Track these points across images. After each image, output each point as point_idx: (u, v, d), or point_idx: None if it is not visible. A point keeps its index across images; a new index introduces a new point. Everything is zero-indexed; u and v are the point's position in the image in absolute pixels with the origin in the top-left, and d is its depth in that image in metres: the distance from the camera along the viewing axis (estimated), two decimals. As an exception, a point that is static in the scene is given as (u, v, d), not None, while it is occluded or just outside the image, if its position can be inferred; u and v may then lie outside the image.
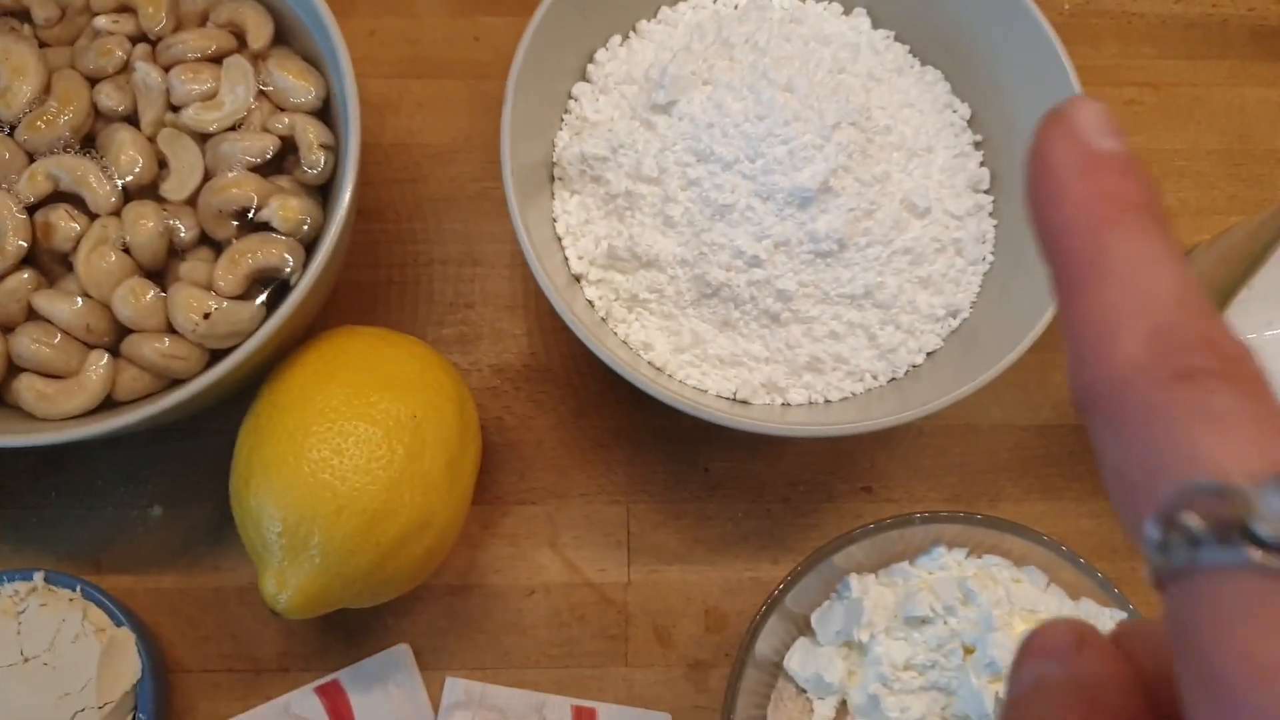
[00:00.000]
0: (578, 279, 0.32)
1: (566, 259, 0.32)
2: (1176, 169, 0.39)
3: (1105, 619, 0.29)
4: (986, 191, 0.34)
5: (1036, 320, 0.29)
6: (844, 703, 0.31)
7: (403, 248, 0.37)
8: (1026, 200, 0.13)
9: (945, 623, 0.29)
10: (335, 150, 0.31)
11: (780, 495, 0.35)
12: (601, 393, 0.35)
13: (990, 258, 0.33)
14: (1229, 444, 0.10)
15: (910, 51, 0.35)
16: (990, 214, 0.33)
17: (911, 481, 0.35)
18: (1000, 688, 0.28)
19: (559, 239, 0.32)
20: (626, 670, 0.33)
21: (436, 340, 0.35)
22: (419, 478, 0.28)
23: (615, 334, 0.32)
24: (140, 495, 0.33)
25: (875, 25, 0.35)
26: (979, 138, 0.34)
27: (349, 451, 0.27)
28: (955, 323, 0.32)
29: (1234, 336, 0.11)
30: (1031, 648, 0.13)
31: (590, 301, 0.32)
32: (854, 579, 0.31)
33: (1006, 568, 0.30)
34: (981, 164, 0.34)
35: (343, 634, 0.32)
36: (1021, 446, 0.36)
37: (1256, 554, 0.10)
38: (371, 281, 0.36)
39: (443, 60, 0.39)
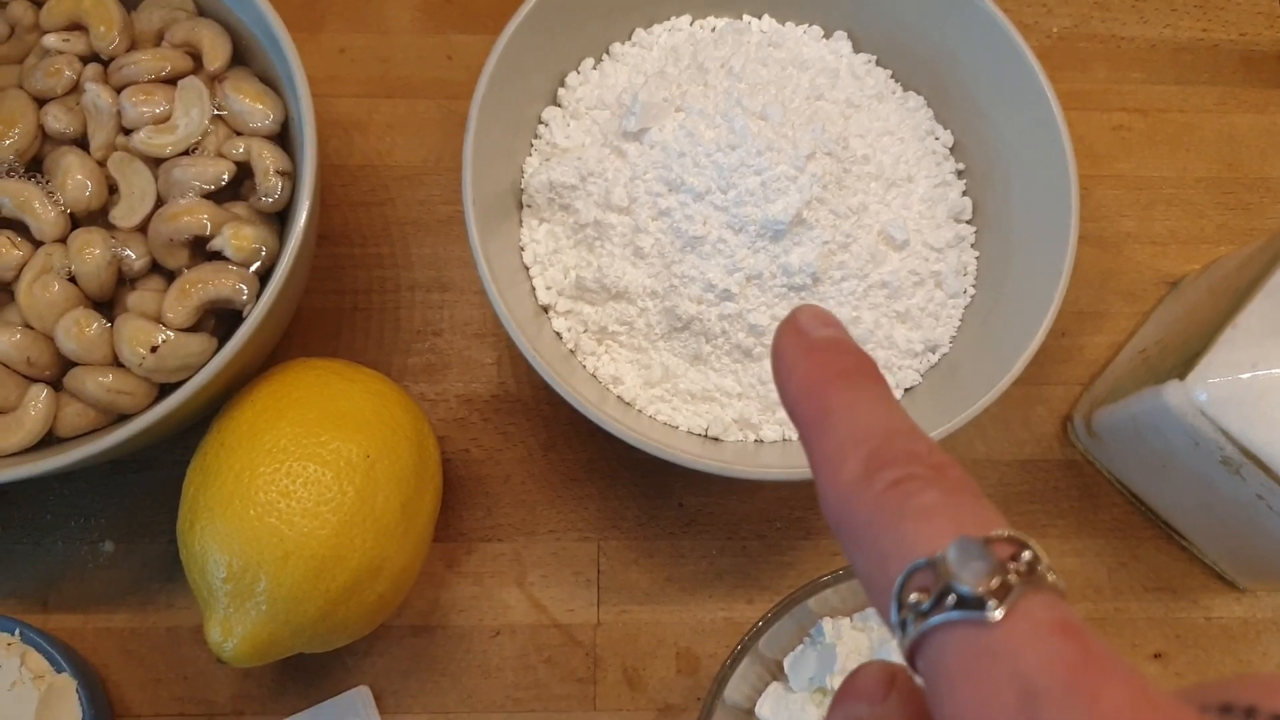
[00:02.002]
0: (546, 309, 0.31)
1: (534, 289, 0.31)
2: (1165, 196, 0.38)
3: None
4: (969, 222, 0.33)
5: (1018, 355, 0.28)
6: (817, 752, 0.30)
7: (369, 273, 0.36)
8: (776, 385, 0.16)
9: (921, 671, 0.28)
10: (294, 176, 0.30)
11: (756, 532, 0.34)
12: (573, 424, 0.34)
13: (971, 290, 0.32)
14: (934, 528, 0.12)
15: (892, 77, 0.34)
16: (972, 245, 0.32)
17: (890, 519, 0.34)
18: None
19: (526, 268, 0.31)
20: (594, 715, 0.32)
21: (403, 369, 0.34)
22: (371, 521, 0.26)
23: (584, 367, 0.31)
24: (91, 530, 0.32)
25: (857, 49, 0.34)
26: (961, 166, 0.33)
27: (297, 494, 0.26)
28: (934, 358, 0.31)
29: (938, 451, 0.14)
30: (845, 691, 0.14)
31: (558, 333, 0.31)
32: (827, 623, 0.30)
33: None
34: (964, 193, 0.33)
35: (300, 675, 0.31)
36: (1005, 482, 0.35)
37: (957, 612, 0.11)
38: (336, 308, 0.35)
39: (414, 79, 0.38)
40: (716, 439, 0.30)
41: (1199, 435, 0.28)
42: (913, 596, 0.12)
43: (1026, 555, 0.12)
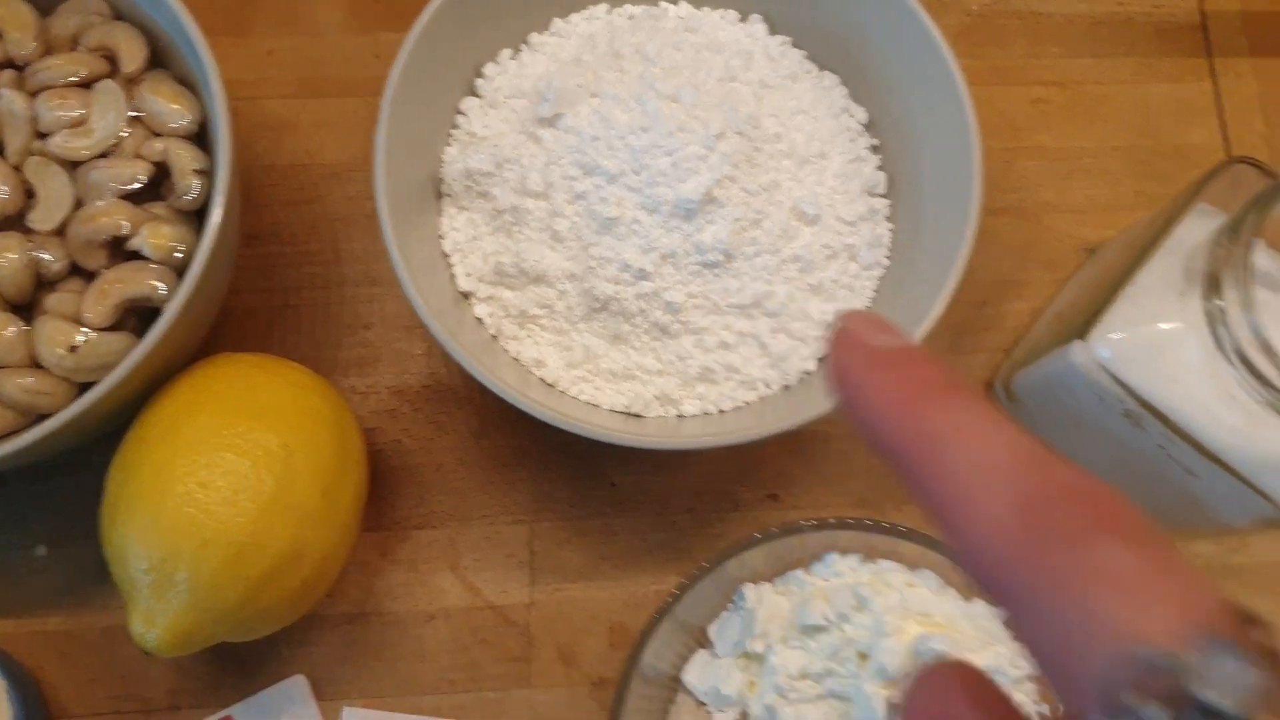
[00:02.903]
0: (467, 296, 0.32)
1: (454, 276, 0.32)
2: (1084, 167, 0.39)
3: (994, 618, 0.29)
4: (884, 196, 0.33)
5: (924, 318, 0.29)
6: (745, 715, 0.30)
7: (299, 270, 0.36)
8: (848, 413, 0.13)
9: (841, 630, 0.29)
10: (212, 174, 0.30)
11: (686, 507, 0.34)
12: (503, 410, 0.34)
13: (885, 262, 0.33)
14: (1143, 608, 0.10)
15: (808, 57, 0.35)
16: (887, 218, 0.33)
17: (817, 488, 0.34)
18: (893, 694, 0.28)
19: (446, 256, 0.32)
20: (530, 692, 0.32)
21: (334, 363, 0.35)
22: (291, 508, 0.27)
23: (506, 351, 0.31)
24: (24, 535, 0.32)
25: (773, 31, 0.35)
26: (876, 142, 0.34)
27: (215, 484, 0.26)
28: (850, 329, 0.32)
29: (1090, 475, 0.11)
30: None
31: (480, 319, 0.31)
32: (749, 589, 0.30)
33: (900, 572, 0.30)
34: (880, 168, 0.34)
35: (236, 667, 0.32)
36: (931, 451, 0.35)
37: None
38: (266, 306, 0.35)
39: (342, 78, 0.38)
40: (638, 415, 0.31)
41: (1102, 391, 0.29)
42: (1137, 701, 0.09)
43: (1265, 638, 0.09)
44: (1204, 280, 0.27)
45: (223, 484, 0.26)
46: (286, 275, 0.36)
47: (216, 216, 0.28)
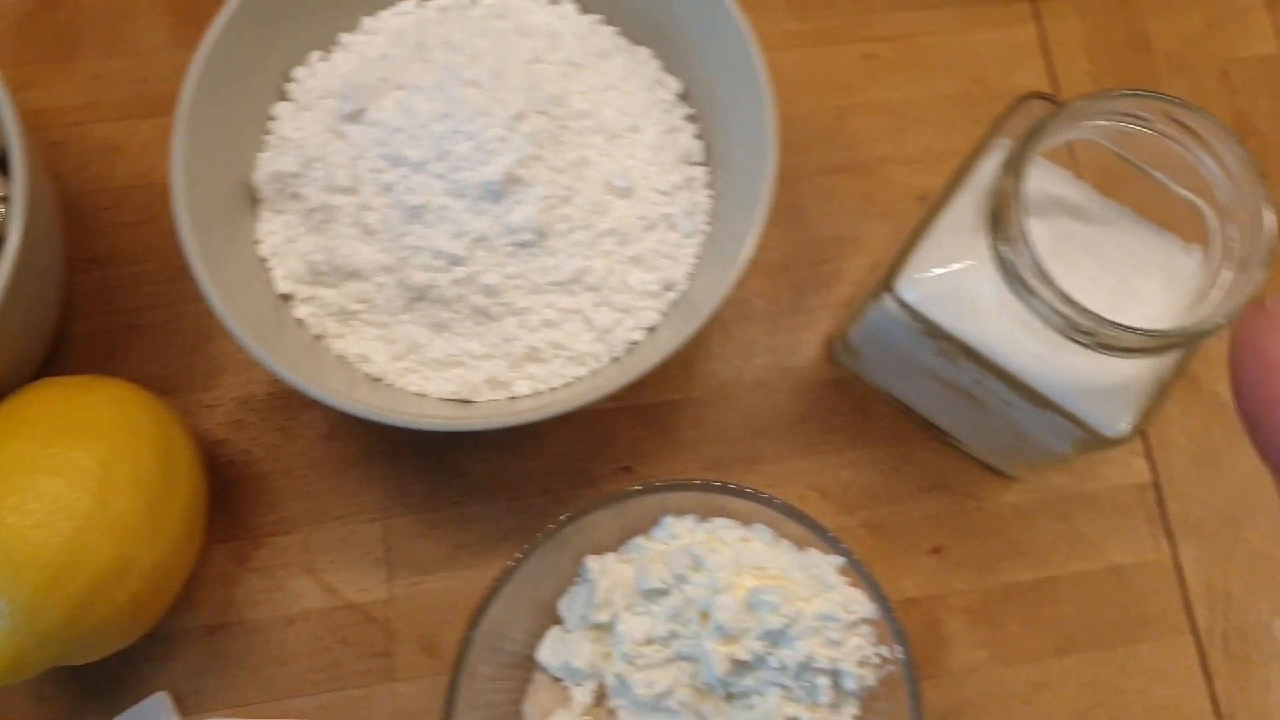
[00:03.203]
0: (288, 299, 0.32)
1: (273, 280, 0.32)
2: (917, 118, 0.40)
3: (826, 566, 0.29)
4: (703, 164, 0.34)
5: (722, 284, 0.29)
6: (603, 687, 0.30)
7: (139, 290, 0.36)
8: (1241, 394, 0.13)
9: (681, 591, 0.29)
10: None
11: (541, 488, 0.34)
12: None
13: (705, 229, 0.33)
14: None
15: (621, 33, 0.35)
16: (707, 185, 0.34)
17: (670, 456, 0.35)
18: (733, 649, 0.28)
19: (264, 261, 0.32)
20: (394, 685, 0.32)
21: (179, 380, 0.35)
22: (110, 524, 0.27)
23: (331, 350, 0.32)
24: None
25: (584, 11, 0.35)
26: (693, 111, 0.34)
27: (29, 508, 0.26)
28: (674, 295, 0.32)
29: None
30: None
31: (302, 320, 0.32)
32: (591, 560, 0.31)
33: (735, 528, 0.30)
34: (697, 136, 0.34)
35: (97, 689, 0.32)
36: (777, 407, 0.36)
37: None
38: (108, 329, 0.35)
39: (170, 96, 0.37)
40: (468, 401, 0.31)
41: (914, 332, 0.29)
42: None
43: None
44: (985, 216, 0.28)
45: (37, 507, 0.26)
46: (127, 297, 0.36)
47: (14, 242, 0.28)
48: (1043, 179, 0.31)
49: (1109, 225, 0.30)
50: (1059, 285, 0.26)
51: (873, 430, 0.36)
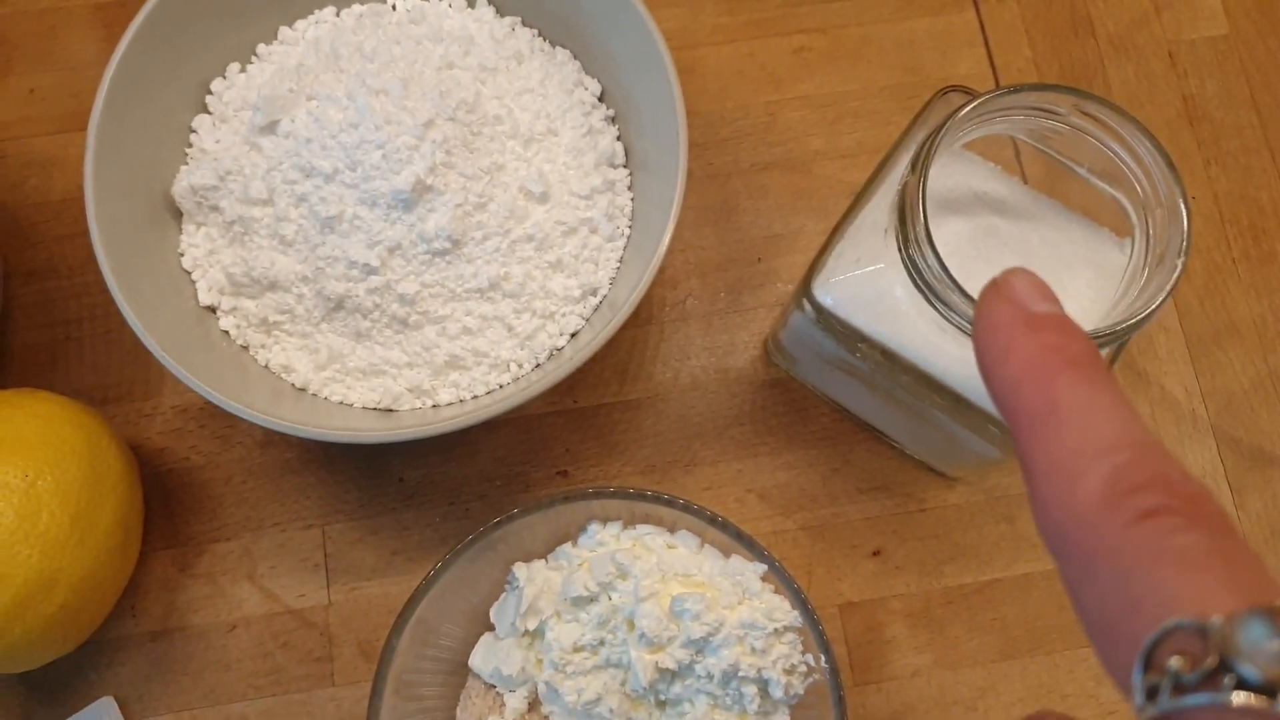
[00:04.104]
0: (212, 310, 0.32)
1: (197, 292, 0.32)
2: (851, 110, 0.39)
3: (749, 573, 0.29)
4: (624, 166, 0.34)
5: (636, 287, 0.29)
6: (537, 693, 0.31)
7: (78, 301, 0.36)
8: (978, 359, 0.14)
9: (608, 598, 0.30)
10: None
11: (477, 493, 0.35)
12: (291, 418, 0.35)
13: (627, 232, 0.33)
14: (1199, 582, 0.11)
15: (539, 35, 0.35)
16: (629, 188, 0.34)
17: (606, 460, 0.35)
18: (659, 657, 0.29)
19: (188, 273, 0.32)
20: (334, 689, 0.33)
21: (118, 390, 0.35)
22: (35, 537, 0.28)
23: (256, 360, 0.32)
24: None
25: (501, 14, 0.35)
26: (612, 113, 0.34)
27: (-47, 525, 0.27)
28: (596, 300, 0.32)
29: (1190, 476, 0.12)
30: None
31: (226, 331, 0.32)
32: (519, 568, 0.31)
33: (660, 535, 0.31)
34: (618, 139, 0.34)
35: (44, 696, 0.32)
36: (714, 409, 0.36)
37: (1240, 696, 0.10)
38: (48, 341, 0.36)
39: None
40: (390, 410, 0.32)
41: (834, 336, 0.29)
42: (1172, 662, 0.10)
43: None
44: (893, 217, 0.28)
45: (-39, 525, 0.27)
46: (67, 308, 0.36)
47: (-64, 265, 0.29)
48: (968, 174, 0.31)
49: (1037, 221, 0.30)
50: (964, 288, 0.26)
51: (810, 431, 0.36)
